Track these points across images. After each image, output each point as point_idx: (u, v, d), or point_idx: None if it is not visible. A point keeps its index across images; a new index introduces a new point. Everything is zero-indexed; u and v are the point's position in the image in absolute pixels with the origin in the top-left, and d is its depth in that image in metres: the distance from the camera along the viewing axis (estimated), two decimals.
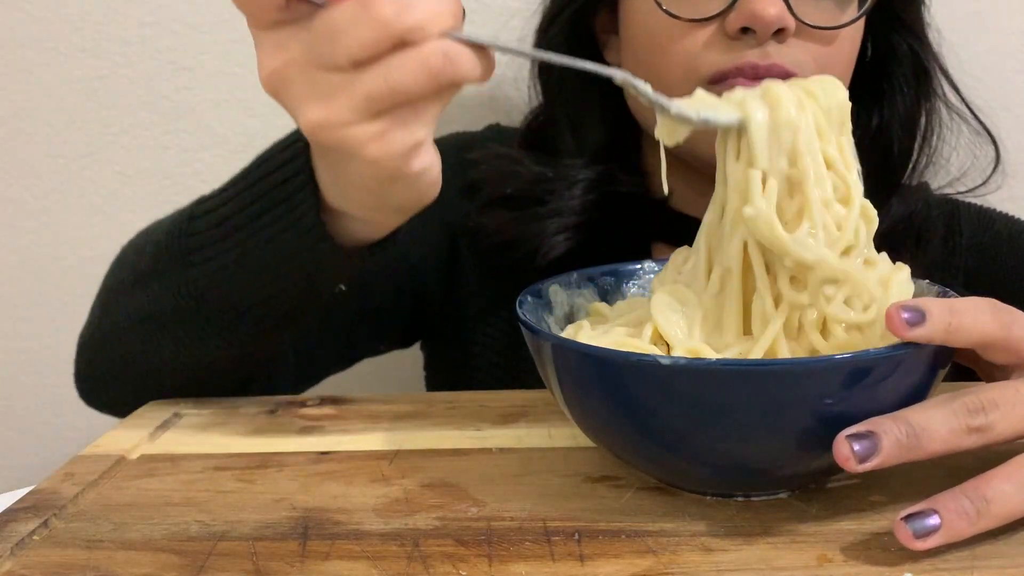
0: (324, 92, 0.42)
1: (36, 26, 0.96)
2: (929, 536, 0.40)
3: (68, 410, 1.05)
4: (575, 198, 0.72)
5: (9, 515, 0.47)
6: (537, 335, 0.45)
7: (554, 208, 0.72)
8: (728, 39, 0.63)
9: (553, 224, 0.71)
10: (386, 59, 0.41)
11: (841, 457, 0.39)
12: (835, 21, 0.65)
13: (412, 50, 0.41)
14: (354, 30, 0.40)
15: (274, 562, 0.42)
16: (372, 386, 0.89)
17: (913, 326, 0.40)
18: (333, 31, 0.41)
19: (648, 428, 0.43)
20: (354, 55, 0.41)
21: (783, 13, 0.62)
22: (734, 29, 0.63)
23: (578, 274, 0.55)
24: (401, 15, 0.40)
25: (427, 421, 0.58)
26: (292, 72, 0.43)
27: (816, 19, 0.64)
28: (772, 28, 0.62)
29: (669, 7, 0.65)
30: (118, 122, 0.98)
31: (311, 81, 0.42)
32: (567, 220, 0.72)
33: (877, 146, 0.74)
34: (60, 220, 1.01)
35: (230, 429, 0.58)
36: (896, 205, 0.74)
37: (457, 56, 0.41)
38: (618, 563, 0.41)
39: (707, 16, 0.64)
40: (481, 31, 0.94)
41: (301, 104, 0.43)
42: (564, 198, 0.72)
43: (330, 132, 0.43)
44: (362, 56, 0.41)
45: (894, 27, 0.72)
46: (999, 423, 0.41)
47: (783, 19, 0.62)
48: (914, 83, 0.73)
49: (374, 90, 0.41)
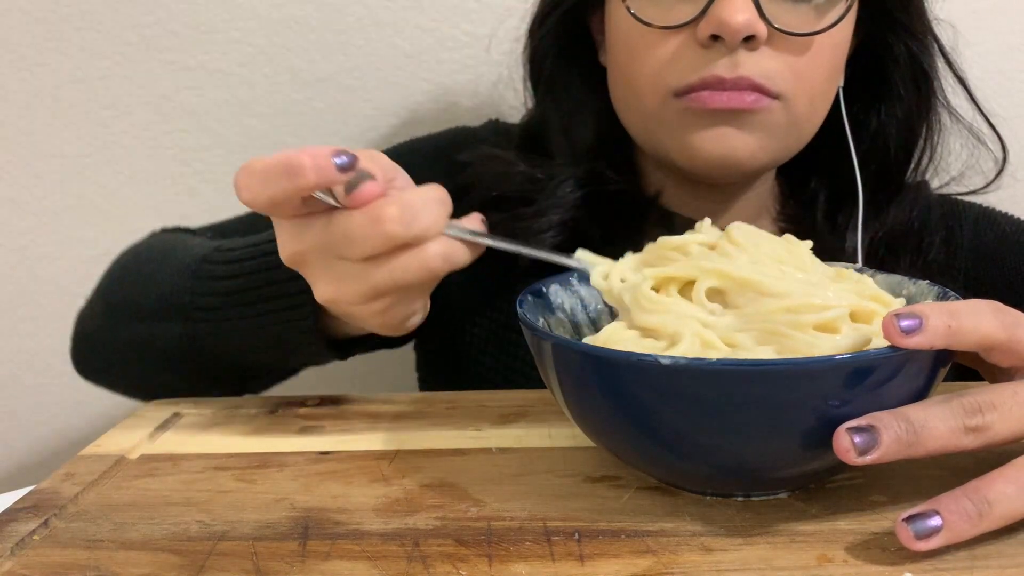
0: (337, 277, 0.49)
1: (36, 26, 0.96)
2: (930, 537, 0.40)
3: (68, 410, 1.05)
4: (563, 196, 0.72)
5: (9, 515, 0.47)
6: (537, 335, 0.45)
7: (541, 207, 0.72)
8: (699, 47, 0.62)
9: (540, 222, 0.71)
10: (393, 258, 0.47)
11: (841, 449, 0.39)
12: (812, 27, 0.63)
13: (416, 253, 0.47)
14: (365, 240, 0.46)
15: (274, 562, 0.42)
16: (372, 386, 0.89)
17: (910, 334, 0.39)
18: (347, 237, 0.47)
19: (648, 428, 0.43)
20: (365, 256, 0.47)
21: (752, 20, 0.60)
22: (704, 37, 0.61)
23: (578, 274, 0.55)
24: (407, 231, 0.46)
25: (427, 421, 0.58)
26: (310, 257, 0.49)
27: (791, 25, 0.62)
28: (741, 35, 0.60)
29: (642, 14, 0.63)
30: (118, 122, 0.98)
31: (326, 267, 0.49)
32: (553, 217, 0.72)
33: (876, 148, 0.74)
34: (60, 220, 1.01)
35: (230, 429, 0.59)
36: (896, 207, 0.74)
37: (453, 255, 0.48)
38: (618, 563, 0.41)
39: (678, 23, 0.62)
40: (480, 30, 0.95)
41: (317, 282, 0.50)
42: (552, 197, 0.72)
43: (340, 307, 0.50)
44: (371, 256, 0.47)
45: (890, 28, 0.71)
46: (997, 424, 0.41)
47: (752, 26, 0.60)
48: (913, 85, 0.72)
49: (381, 283, 0.48)
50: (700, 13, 0.61)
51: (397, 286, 0.48)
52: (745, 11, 0.59)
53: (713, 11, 0.60)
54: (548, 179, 0.73)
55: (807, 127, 0.68)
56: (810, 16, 0.63)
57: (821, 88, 0.66)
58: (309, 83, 0.97)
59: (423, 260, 0.47)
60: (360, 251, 0.47)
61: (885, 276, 0.53)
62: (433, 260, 0.48)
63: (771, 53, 0.62)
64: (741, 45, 0.61)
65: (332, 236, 0.47)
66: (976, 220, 0.78)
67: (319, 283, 0.50)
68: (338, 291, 0.49)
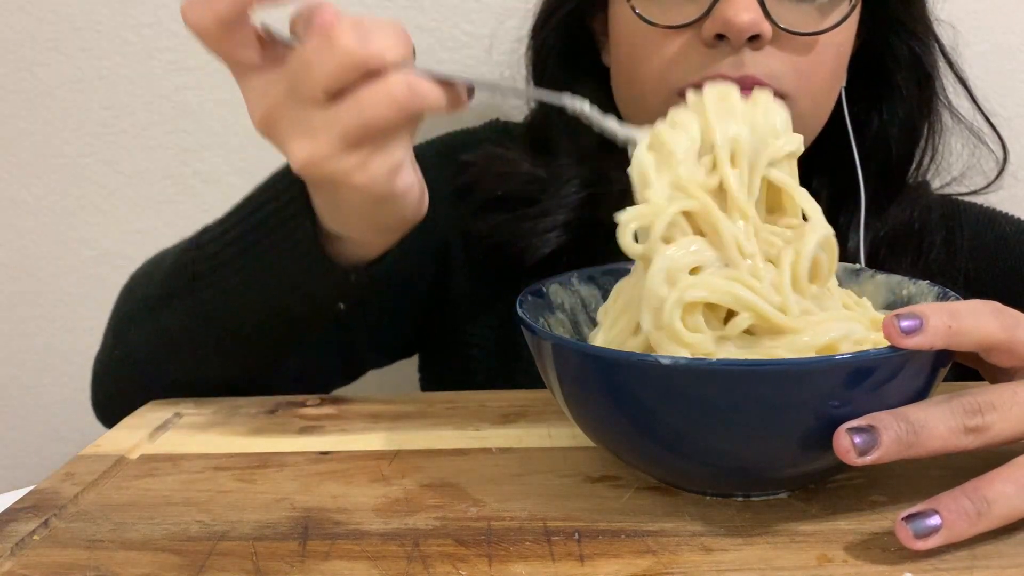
0: (307, 130, 0.46)
1: (36, 26, 0.96)
2: (929, 536, 0.40)
3: (68, 410, 1.05)
4: (567, 196, 0.72)
5: (9, 515, 0.47)
6: (537, 335, 0.45)
7: (545, 207, 0.72)
8: (704, 47, 0.62)
9: (544, 222, 0.71)
10: (356, 92, 0.45)
11: (841, 449, 0.39)
12: (816, 27, 0.63)
13: (379, 83, 0.44)
14: (322, 61, 0.44)
15: (274, 562, 0.42)
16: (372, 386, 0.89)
17: (910, 334, 0.39)
18: (304, 65, 0.45)
19: (648, 428, 0.43)
20: (326, 85, 0.44)
21: (757, 19, 0.60)
22: (709, 36, 0.61)
23: (578, 274, 0.55)
24: (362, 47, 0.44)
25: (427, 421, 0.58)
26: (278, 113, 0.47)
27: (796, 24, 0.62)
28: (746, 35, 0.60)
29: (646, 14, 0.64)
30: (118, 122, 0.98)
31: (295, 120, 0.46)
32: (557, 217, 0.71)
33: (877, 149, 0.74)
34: (60, 220, 1.01)
35: (230, 429, 0.59)
36: (897, 207, 0.74)
37: (420, 87, 0.45)
38: (618, 563, 0.41)
39: (683, 23, 0.62)
40: (480, 30, 0.95)
41: (289, 143, 0.47)
42: (556, 197, 0.72)
43: (318, 167, 0.47)
44: (333, 85, 0.44)
45: (892, 29, 0.71)
46: (997, 424, 0.41)
47: (757, 25, 0.60)
48: (915, 85, 0.72)
49: (350, 124, 0.45)
50: (705, 13, 0.61)
51: (367, 125, 0.45)
52: (750, 10, 0.60)
53: (718, 10, 0.60)
54: (552, 179, 0.73)
55: (811, 126, 0.67)
56: (814, 16, 0.63)
57: (825, 88, 0.66)
58: None
59: (388, 90, 0.45)
60: (319, 79, 0.44)
61: (885, 276, 0.53)
62: (398, 88, 0.45)
63: (776, 53, 0.62)
64: (746, 45, 0.61)
65: (291, 73, 0.46)
66: (976, 220, 0.78)
67: (292, 142, 0.47)
68: (312, 145, 0.46)
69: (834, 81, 0.67)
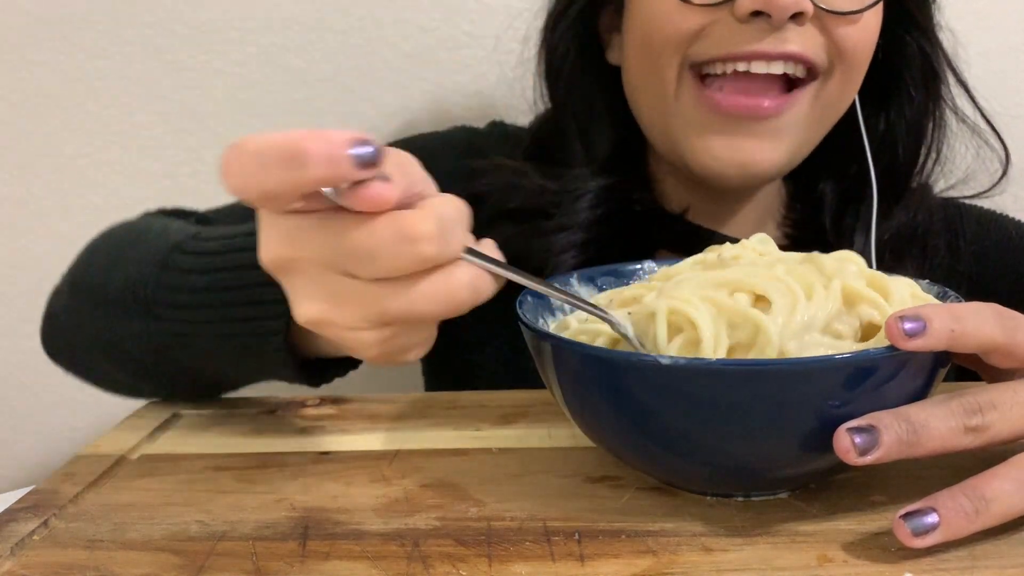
0: (333, 296, 0.39)
1: (36, 26, 0.96)
2: (928, 534, 0.40)
3: (68, 410, 1.05)
4: (582, 212, 0.71)
5: (9, 515, 0.47)
6: (537, 335, 0.45)
7: (560, 223, 0.71)
8: (736, 23, 0.61)
9: (560, 240, 0.70)
10: (414, 282, 0.38)
11: (842, 449, 0.39)
12: (853, 6, 0.63)
13: (441, 277, 0.38)
14: (393, 259, 0.37)
15: (274, 562, 0.42)
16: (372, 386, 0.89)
17: (913, 336, 0.39)
18: (368, 252, 0.37)
19: (648, 428, 0.43)
20: (383, 276, 0.38)
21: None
22: (744, 13, 0.60)
23: (578, 274, 0.55)
24: (443, 253, 0.38)
25: (427, 421, 0.58)
26: (303, 266, 0.39)
27: (834, 4, 0.62)
28: (790, 12, 0.60)
29: None
30: (118, 122, 0.98)
31: (322, 282, 0.39)
32: (574, 237, 0.70)
33: (884, 150, 0.73)
34: (60, 220, 1.01)
35: (230, 429, 0.58)
36: (900, 211, 0.74)
37: (481, 285, 0.40)
38: (618, 563, 0.41)
39: (718, 0, 0.62)
40: (479, 30, 0.95)
41: (303, 297, 0.40)
42: (570, 212, 0.71)
43: (330, 330, 0.40)
44: (391, 276, 0.38)
45: (906, 25, 0.71)
46: (997, 424, 0.41)
47: (800, 3, 0.60)
48: (922, 85, 0.72)
49: (394, 310, 0.39)
50: None
51: (412, 314, 0.39)
52: None
53: None
54: (563, 192, 0.72)
55: (835, 110, 0.68)
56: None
57: (855, 70, 0.66)
58: (309, 83, 0.97)
59: (450, 288, 0.39)
60: (379, 272, 0.38)
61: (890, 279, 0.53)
62: (461, 290, 0.39)
63: (813, 31, 0.63)
64: (788, 22, 0.61)
65: (341, 247, 0.38)
66: (979, 223, 0.78)
67: (306, 299, 0.40)
68: (332, 312, 0.39)
69: (863, 65, 0.67)
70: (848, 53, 0.64)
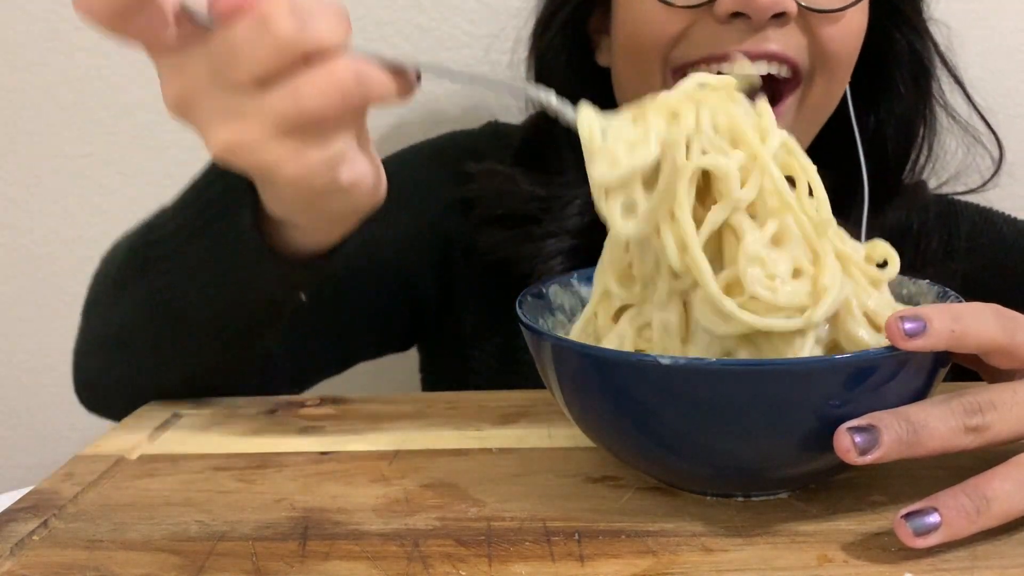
0: (231, 113, 0.40)
1: (36, 26, 0.96)
2: (929, 534, 0.40)
3: (68, 410, 1.05)
4: (570, 218, 0.71)
5: (9, 515, 0.47)
6: (537, 335, 0.45)
7: (549, 229, 0.71)
8: (715, 24, 0.61)
9: (548, 246, 0.70)
10: (292, 76, 0.39)
11: (842, 449, 0.39)
12: (837, 4, 0.63)
13: (320, 69, 0.39)
14: (253, 49, 0.39)
15: (274, 562, 0.42)
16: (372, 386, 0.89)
17: (913, 337, 0.39)
18: (231, 51, 0.39)
19: (648, 428, 0.43)
20: (256, 74, 0.39)
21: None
22: (724, 13, 0.60)
23: (578, 275, 0.55)
24: (301, 33, 0.38)
25: (427, 421, 0.58)
26: (195, 95, 0.41)
27: (818, 2, 0.62)
28: (770, 12, 0.59)
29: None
30: (118, 122, 0.98)
31: (216, 103, 0.41)
32: (562, 244, 0.70)
33: (875, 147, 0.73)
34: (60, 220, 1.01)
35: (230, 429, 0.58)
36: (894, 208, 0.74)
37: (368, 76, 0.40)
38: (618, 563, 0.41)
39: (700, 2, 0.62)
40: (479, 30, 0.95)
41: (208, 127, 0.41)
42: (559, 218, 0.71)
43: (241, 154, 0.41)
44: (265, 72, 0.39)
45: (894, 21, 0.71)
46: (997, 424, 0.41)
47: (782, 3, 0.59)
48: (912, 82, 0.72)
49: (283, 110, 0.39)
50: None
51: (303, 112, 0.39)
52: None
53: None
54: (552, 198, 0.72)
55: (822, 112, 0.67)
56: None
57: (841, 69, 0.66)
58: None
59: (331, 78, 0.39)
60: (249, 66, 0.39)
61: None
62: (343, 76, 0.39)
63: (795, 30, 0.62)
64: (769, 22, 0.61)
65: (215, 57, 0.40)
66: (973, 220, 0.78)
67: (213, 126, 0.41)
68: (235, 130, 0.40)
69: (848, 66, 0.67)
70: (831, 54, 0.64)
